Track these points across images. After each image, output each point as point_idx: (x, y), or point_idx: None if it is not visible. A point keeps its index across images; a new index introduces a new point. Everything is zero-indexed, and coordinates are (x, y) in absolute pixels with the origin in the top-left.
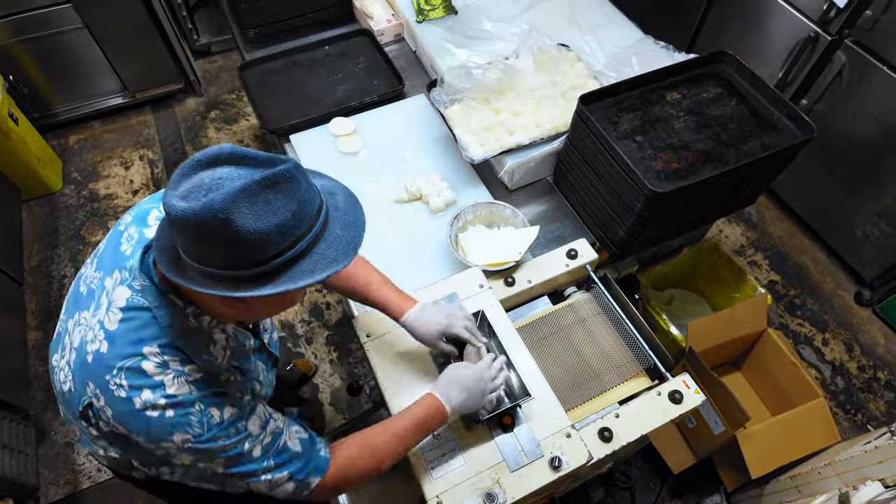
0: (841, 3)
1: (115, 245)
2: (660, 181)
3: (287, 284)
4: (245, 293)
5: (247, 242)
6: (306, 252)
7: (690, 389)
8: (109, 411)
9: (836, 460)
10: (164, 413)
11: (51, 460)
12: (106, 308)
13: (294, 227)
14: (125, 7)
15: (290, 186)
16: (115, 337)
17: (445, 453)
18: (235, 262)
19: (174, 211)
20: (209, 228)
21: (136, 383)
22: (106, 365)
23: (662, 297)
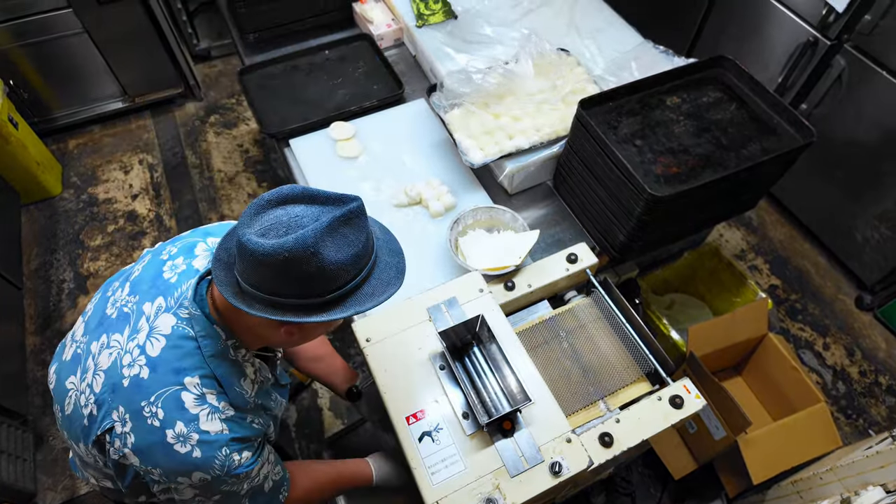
0: (840, 7)
1: (157, 272)
2: (660, 185)
3: (355, 307)
4: (318, 318)
5: (329, 274)
6: (367, 278)
7: (691, 394)
8: (132, 438)
9: (837, 465)
10: (192, 450)
11: (49, 466)
12: (147, 334)
13: (363, 257)
14: (125, 12)
15: (360, 221)
16: (158, 364)
17: (445, 458)
18: (313, 293)
19: (261, 248)
20: (298, 263)
21: (172, 415)
22: (144, 391)
23: (663, 302)
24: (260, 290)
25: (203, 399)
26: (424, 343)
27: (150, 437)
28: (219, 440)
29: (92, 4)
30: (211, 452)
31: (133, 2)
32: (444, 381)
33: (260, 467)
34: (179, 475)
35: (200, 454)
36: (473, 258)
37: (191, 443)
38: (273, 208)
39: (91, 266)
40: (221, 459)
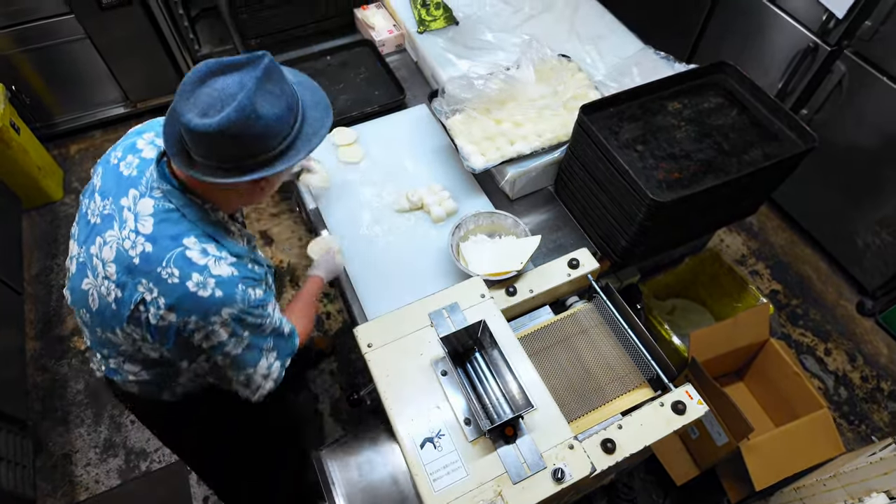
0: (840, 13)
1: (116, 175)
2: (661, 190)
3: (306, 148)
4: (281, 166)
5: (273, 129)
6: (304, 120)
7: (693, 400)
8: (163, 299)
9: (840, 472)
10: (214, 292)
11: (48, 472)
12: (134, 220)
13: (293, 106)
14: (127, 17)
15: (278, 74)
16: (156, 237)
17: (447, 465)
18: (267, 150)
19: (209, 127)
20: (245, 128)
21: (185, 269)
22: (155, 259)
23: (664, 307)
24: (222, 162)
25: (205, 252)
26: (426, 349)
27: (177, 293)
28: (232, 279)
29: (94, 10)
30: (230, 290)
31: (135, 7)
32: (446, 387)
33: (273, 307)
34: (211, 315)
35: (222, 293)
36: (475, 263)
37: (210, 286)
38: (200, 87)
39: None
40: (240, 293)
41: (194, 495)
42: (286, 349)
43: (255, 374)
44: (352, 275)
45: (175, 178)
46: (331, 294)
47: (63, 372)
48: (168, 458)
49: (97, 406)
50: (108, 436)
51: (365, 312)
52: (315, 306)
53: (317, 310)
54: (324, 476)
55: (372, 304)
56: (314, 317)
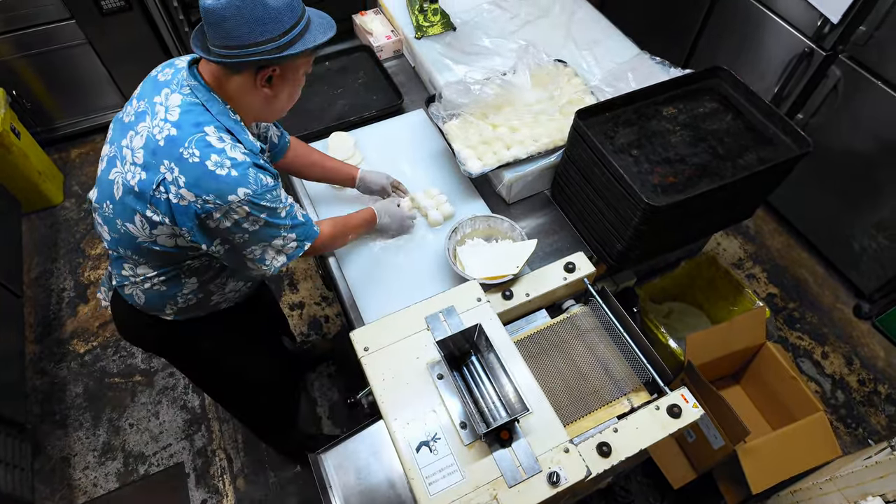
0: (835, 19)
1: (153, 81)
2: (656, 195)
3: (304, 45)
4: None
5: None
6: (307, 27)
7: (689, 403)
8: (183, 178)
9: (837, 475)
10: (230, 172)
11: (46, 475)
12: (165, 111)
13: (296, 7)
14: (127, 23)
15: None
16: (181, 122)
17: (443, 468)
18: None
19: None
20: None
21: (205, 150)
22: (178, 141)
23: (661, 311)
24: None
25: (222, 139)
26: (422, 352)
27: (196, 171)
28: (245, 163)
29: (95, 16)
30: (243, 171)
31: (135, 13)
32: (442, 391)
33: (283, 191)
34: (229, 194)
35: (237, 173)
36: (471, 267)
37: (226, 166)
38: None
39: (91, 275)
40: (253, 176)
41: (192, 498)
42: (303, 231)
43: (269, 248)
44: (349, 278)
45: (203, 78)
46: (329, 297)
47: (62, 375)
48: (167, 461)
49: (96, 409)
50: (107, 439)
51: (362, 316)
52: (354, 230)
53: (354, 236)
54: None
55: (369, 307)
56: (347, 236)
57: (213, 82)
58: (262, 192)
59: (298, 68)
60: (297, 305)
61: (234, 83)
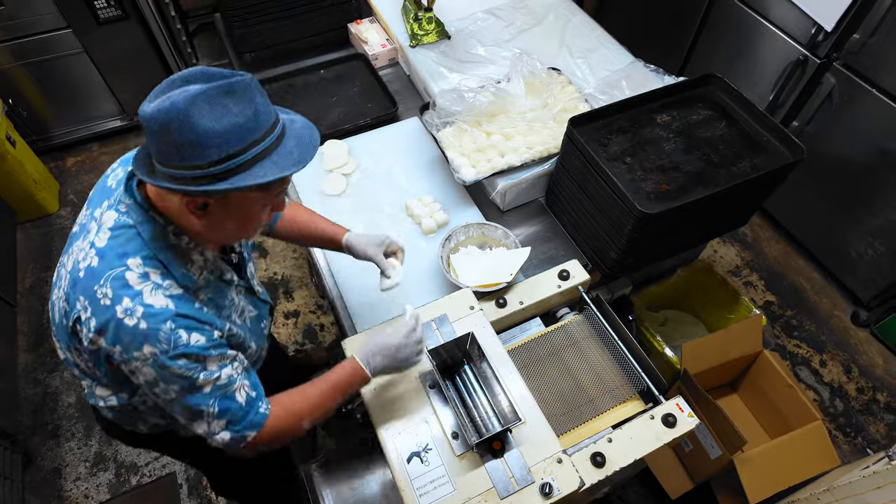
0: (829, 27)
1: (103, 185)
2: (650, 202)
3: (237, 183)
4: (199, 188)
5: (205, 141)
6: (259, 158)
7: (684, 413)
8: (94, 321)
9: (835, 486)
10: (139, 322)
11: (37, 487)
12: (96, 231)
13: (249, 132)
14: (124, 32)
15: (246, 95)
16: (104, 252)
17: (434, 480)
18: (195, 163)
19: (142, 113)
20: (171, 126)
21: (119, 292)
22: (95, 276)
23: (657, 318)
24: (160, 163)
25: (146, 276)
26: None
27: (105, 316)
28: (162, 313)
29: (91, 25)
30: (156, 325)
31: (132, 23)
32: (434, 401)
33: (219, 361)
34: (133, 349)
35: (146, 326)
36: (465, 275)
37: (137, 315)
38: (174, 88)
39: None
40: (167, 332)
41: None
42: (241, 421)
43: (198, 420)
44: (341, 286)
45: (143, 193)
46: (324, 306)
47: (55, 385)
48: (159, 471)
49: (88, 419)
50: (99, 449)
51: (354, 324)
52: (337, 393)
53: (341, 398)
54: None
55: (361, 315)
56: (329, 405)
57: (155, 196)
58: (173, 354)
59: (249, 200)
60: (292, 314)
61: (173, 203)
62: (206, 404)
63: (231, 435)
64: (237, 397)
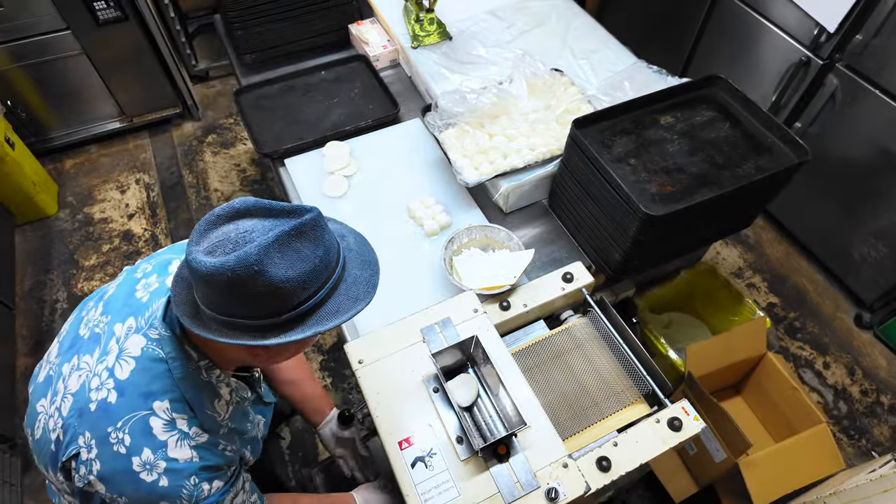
0: (831, 28)
1: (130, 291)
2: (654, 204)
3: (315, 328)
4: (275, 340)
5: (279, 292)
6: (330, 294)
7: (690, 416)
8: (98, 465)
9: (841, 489)
10: (159, 479)
11: (37, 491)
12: (116, 355)
13: (321, 273)
14: (124, 33)
15: (315, 234)
16: (126, 388)
17: (439, 485)
18: (266, 313)
19: (204, 267)
20: (243, 282)
21: (139, 441)
22: (111, 416)
23: (660, 321)
24: (214, 311)
25: (172, 425)
26: (418, 365)
27: (115, 464)
28: (187, 468)
29: (91, 26)
30: (178, 481)
31: (132, 24)
32: (438, 405)
33: (233, 497)
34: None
35: (168, 483)
36: (468, 277)
37: (157, 471)
38: (224, 224)
39: (85, 286)
40: (189, 489)
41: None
42: None
43: None
44: None
45: (179, 323)
46: None
47: None
48: None
49: None
50: None
51: (356, 328)
52: None
53: None
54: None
55: (363, 319)
56: None
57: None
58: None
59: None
60: None
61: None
62: None
63: None
64: None
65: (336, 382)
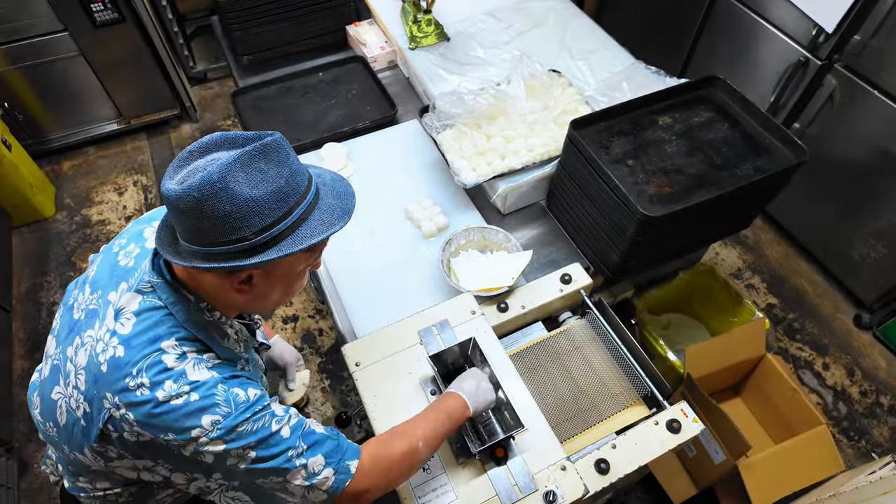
0: (829, 28)
1: (113, 263)
2: (653, 205)
3: (289, 248)
4: (246, 261)
5: (247, 211)
6: (303, 219)
7: (689, 418)
8: (132, 415)
9: (840, 491)
10: (188, 398)
11: (34, 494)
12: (115, 317)
13: (289, 195)
14: (121, 35)
15: (279, 156)
16: (130, 338)
17: (436, 488)
18: (238, 235)
19: (173, 193)
20: (209, 202)
21: (158, 377)
22: (124, 368)
23: (659, 322)
24: (191, 242)
25: (184, 356)
26: (415, 367)
27: (145, 409)
28: (209, 381)
29: (88, 28)
30: (207, 392)
31: (129, 26)
32: None
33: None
34: (192, 428)
35: (199, 396)
36: (466, 279)
37: (184, 392)
38: (196, 158)
39: None
40: (223, 395)
41: None
42: (337, 451)
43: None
44: (340, 291)
45: (170, 271)
46: (323, 310)
47: None
48: None
49: None
50: None
51: (354, 330)
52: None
53: (449, 432)
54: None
55: (361, 321)
56: (440, 433)
57: (184, 274)
58: (237, 413)
59: (293, 264)
60: (290, 319)
61: (207, 279)
62: (294, 446)
63: (333, 472)
64: (316, 430)
65: (334, 384)
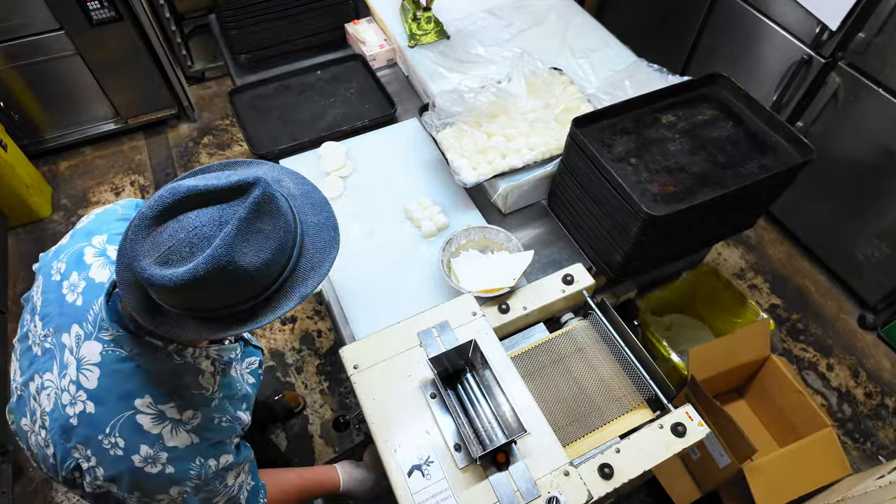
0: (833, 26)
1: (58, 297)
2: (656, 204)
3: (300, 290)
4: (266, 319)
5: (256, 276)
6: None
7: (694, 421)
8: (101, 470)
9: (849, 496)
10: (164, 469)
11: (28, 498)
12: (76, 367)
13: (289, 240)
14: (118, 34)
15: (271, 207)
16: (100, 395)
17: (436, 494)
18: (246, 297)
19: (169, 281)
20: (217, 280)
21: (133, 440)
22: (97, 425)
23: (662, 323)
24: (188, 311)
25: (161, 416)
26: (414, 370)
27: (119, 466)
28: (189, 451)
29: (84, 26)
30: (184, 465)
31: (126, 24)
32: (436, 411)
33: (236, 476)
34: (158, 493)
35: (174, 469)
36: (466, 280)
37: (161, 461)
38: (161, 224)
39: None
40: (196, 469)
41: None
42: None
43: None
44: (339, 292)
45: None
46: (322, 311)
47: None
48: None
49: None
50: None
51: (352, 331)
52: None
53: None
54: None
55: (359, 322)
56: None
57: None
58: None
59: None
60: (289, 320)
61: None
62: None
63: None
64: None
65: (332, 387)
